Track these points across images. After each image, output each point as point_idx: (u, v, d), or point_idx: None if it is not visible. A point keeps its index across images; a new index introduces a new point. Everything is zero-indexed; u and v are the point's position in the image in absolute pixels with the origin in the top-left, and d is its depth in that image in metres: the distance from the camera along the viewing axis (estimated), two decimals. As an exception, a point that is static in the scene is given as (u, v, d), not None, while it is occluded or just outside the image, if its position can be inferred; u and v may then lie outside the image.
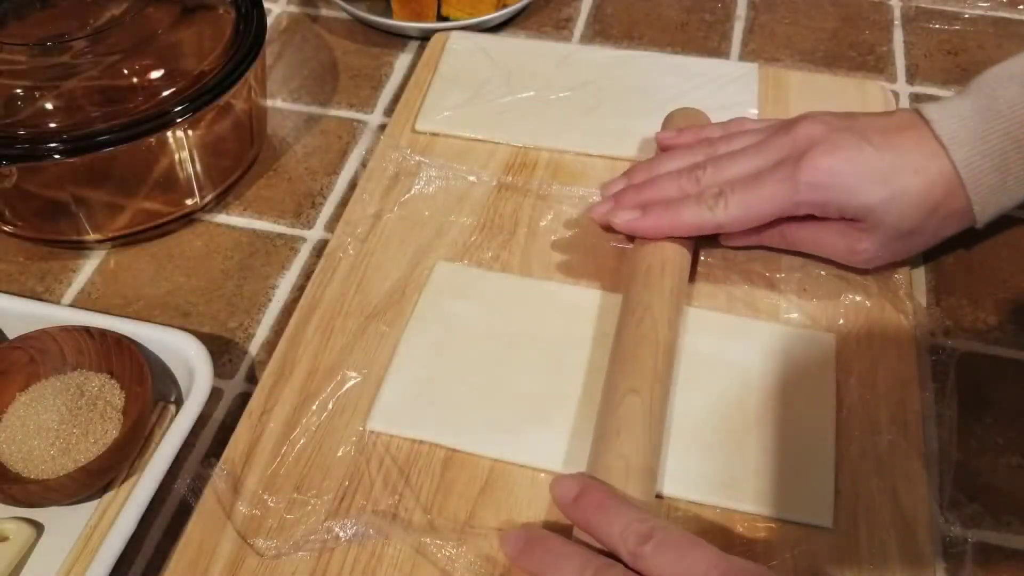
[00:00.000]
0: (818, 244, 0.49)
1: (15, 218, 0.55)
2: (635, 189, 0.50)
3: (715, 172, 0.48)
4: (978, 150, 0.45)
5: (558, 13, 0.72)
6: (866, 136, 0.45)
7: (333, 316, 0.49)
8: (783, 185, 0.45)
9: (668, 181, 0.49)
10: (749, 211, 0.46)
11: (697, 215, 0.47)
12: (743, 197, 0.46)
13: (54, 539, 0.42)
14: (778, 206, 0.46)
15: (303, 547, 0.40)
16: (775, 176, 0.46)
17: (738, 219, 0.47)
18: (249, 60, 0.53)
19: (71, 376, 0.46)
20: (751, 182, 0.46)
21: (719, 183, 0.47)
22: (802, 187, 0.45)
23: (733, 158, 0.48)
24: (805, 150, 0.45)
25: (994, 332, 0.50)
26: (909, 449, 0.43)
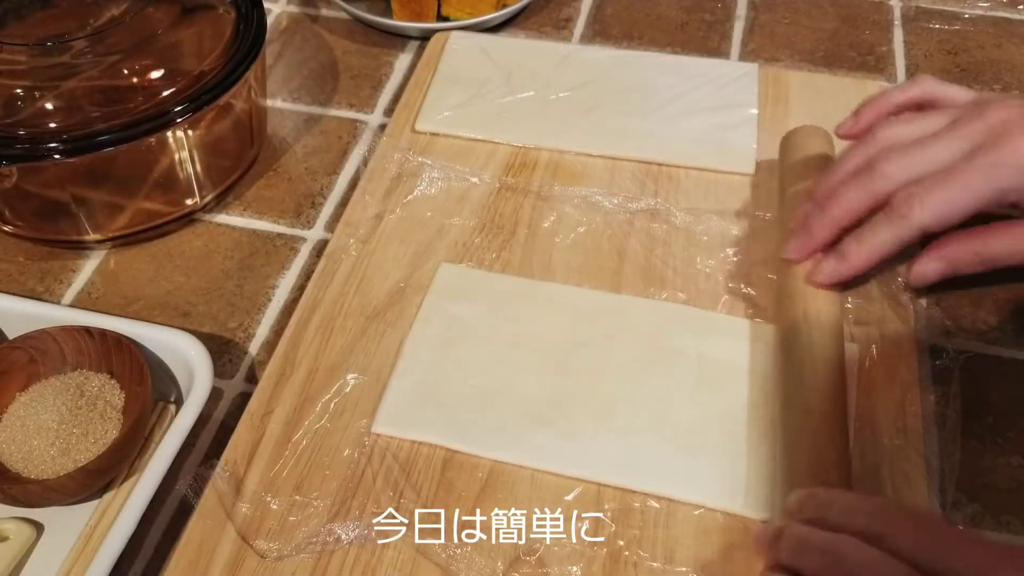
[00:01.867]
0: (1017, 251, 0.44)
1: (15, 218, 0.55)
2: (820, 209, 0.46)
3: (900, 162, 0.43)
4: None
5: (558, 13, 0.72)
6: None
7: (334, 316, 0.49)
8: (982, 174, 0.41)
9: (850, 188, 0.44)
10: (949, 206, 0.42)
11: (893, 232, 0.43)
12: (939, 194, 0.42)
13: (54, 539, 0.42)
14: (982, 197, 0.42)
15: (304, 549, 0.40)
16: (972, 166, 0.41)
17: (935, 219, 0.42)
18: (249, 60, 0.53)
19: (71, 376, 0.46)
20: (945, 176, 0.42)
21: (905, 182, 0.43)
22: (1005, 171, 0.41)
23: (921, 147, 0.43)
24: (1003, 133, 0.41)
25: (994, 332, 0.50)
26: (910, 450, 0.43)
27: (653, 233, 0.53)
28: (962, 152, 0.43)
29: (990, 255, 0.44)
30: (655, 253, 0.52)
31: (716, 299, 0.49)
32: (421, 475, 0.43)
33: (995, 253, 0.44)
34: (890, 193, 0.43)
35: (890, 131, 0.46)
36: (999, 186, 0.42)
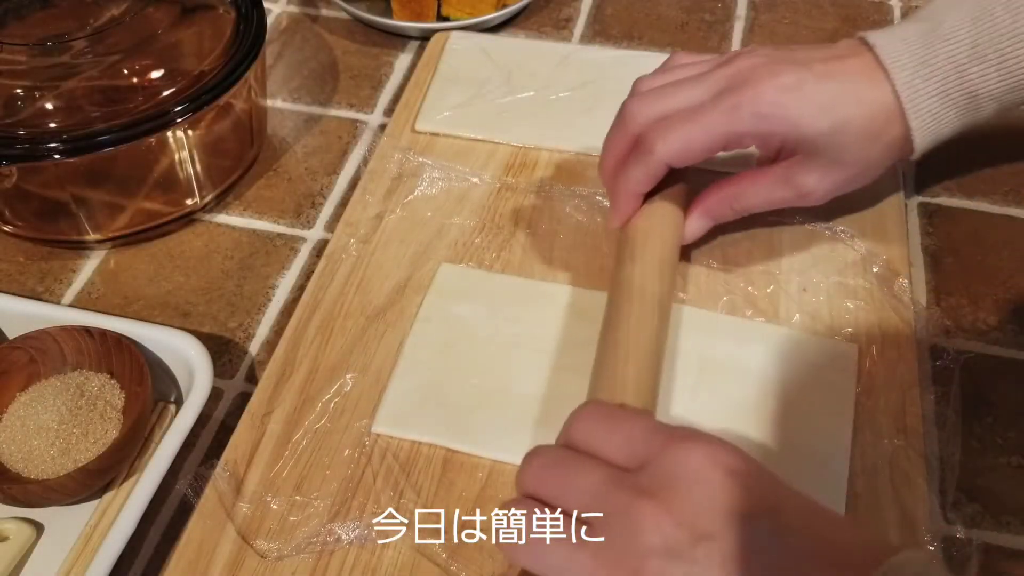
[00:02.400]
0: (766, 196, 0.47)
1: (15, 218, 0.55)
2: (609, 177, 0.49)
3: (652, 105, 0.46)
4: (920, 74, 0.44)
5: (558, 13, 0.72)
6: (808, 66, 0.44)
7: (334, 316, 0.49)
8: (725, 115, 0.44)
9: (611, 134, 0.48)
10: (687, 144, 0.44)
11: (642, 169, 0.45)
12: (678, 131, 0.44)
13: (54, 539, 0.42)
14: (720, 137, 0.44)
15: (304, 549, 0.40)
16: (717, 107, 0.44)
17: (679, 153, 0.45)
18: (249, 60, 0.53)
19: (71, 376, 0.46)
20: (690, 114, 0.45)
21: (654, 119, 0.45)
22: (746, 116, 0.44)
23: (673, 89, 0.46)
24: (747, 79, 0.44)
25: (994, 332, 0.50)
26: (910, 450, 0.43)
27: (653, 233, 0.53)
28: (709, 95, 0.45)
29: (743, 205, 0.48)
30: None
31: (716, 299, 0.49)
32: (421, 475, 0.43)
33: (748, 202, 0.48)
34: (641, 132, 0.46)
35: (648, 79, 0.49)
36: (736, 128, 0.44)
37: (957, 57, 0.44)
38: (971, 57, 0.44)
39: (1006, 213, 0.56)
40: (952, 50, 0.44)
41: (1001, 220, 0.55)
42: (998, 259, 0.53)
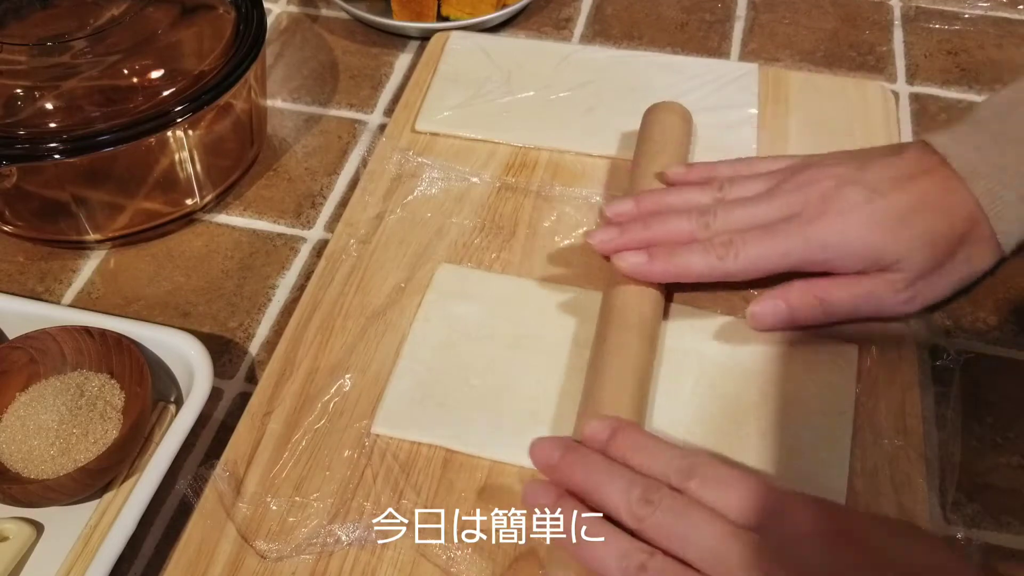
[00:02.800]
0: (857, 304, 0.46)
1: (15, 218, 0.55)
2: (642, 223, 0.48)
3: (725, 218, 0.46)
4: (999, 181, 0.44)
5: (558, 13, 0.72)
6: (878, 189, 0.45)
7: (334, 316, 0.49)
8: (793, 241, 0.45)
9: (677, 220, 0.47)
10: (758, 262, 0.45)
11: (705, 263, 0.45)
12: (753, 248, 0.45)
13: (54, 539, 0.42)
14: (789, 259, 0.45)
15: (304, 549, 0.40)
16: (786, 232, 0.45)
17: (746, 269, 0.45)
18: (249, 60, 0.53)
19: (71, 376, 0.46)
20: (761, 233, 0.45)
21: (729, 231, 0.46)
22: (814, 246, 0.44)
23: (744, 205, 0.47)
24: (818, 207, 0.45)
25: (994, 332, 0.50)
26: (910, 451, 0.43)
27: (653, 233, 0.53)
28: (780, 216, 0.46)
29: (831, 303, 0.46)
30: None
31: (716, 299, 0.49)
32: (421, 475, 0.43)
33: (835, 299, 0.46)
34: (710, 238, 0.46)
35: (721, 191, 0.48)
36: (805, 255, 0.45)
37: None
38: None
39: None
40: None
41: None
42: (998, 259, 0.53)
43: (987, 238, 0.45)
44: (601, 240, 0.48)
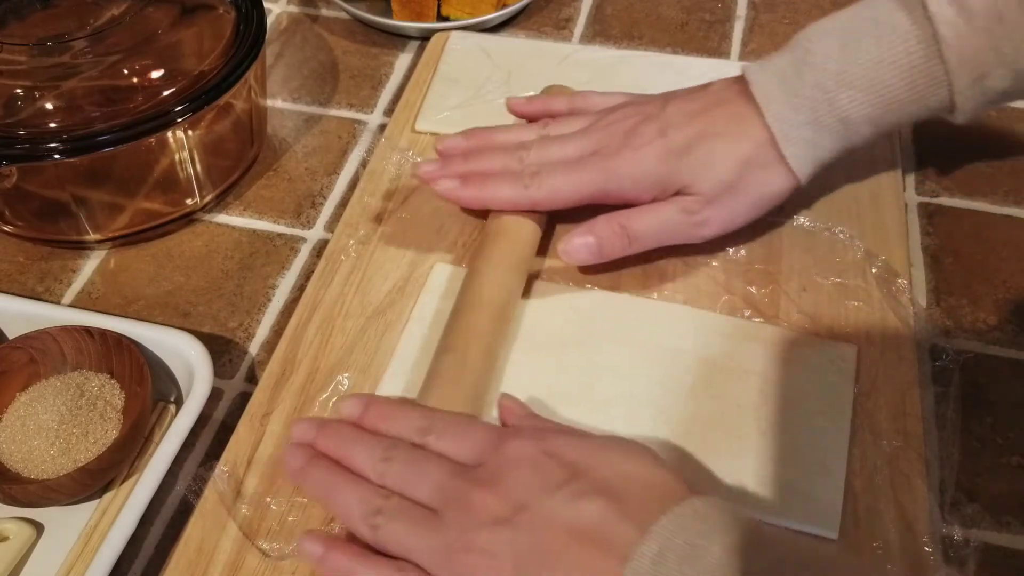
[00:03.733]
0: (658, 230, 0.49)
1: (15, 218, 0.55)
2: (463, 157, 0.51)
3: (539, 154, 0.49)
4: (790, 104, 0.46)
5: (558, 13, 0.72)
6: (674, 123, 0.47)
7: (333, 316, 0.49)
8: (592, 175, 0.48)
9: (495, 155, 0.50)
10: (559, 193, 0.48)
11: (512, 192, 0.49)
12: (557, 180, 0.48)
13: (54, 539, 0.42)
14: (586, 190, 0.48)
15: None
16: (585, 166, 0.48)
17: (548, 199, 0.48)
18: (249, 60, 0.53)
19: (71, 376, 0.46)
20: (566, 166, 0.48)
21: (539, 164, 0.49)
22: (611, 177, 0.47)
23: (559, 142, 0.50)
24: (617, 145, 0.48)
25: (994, 332, 0.50)
26: (910, 451, 0.43)
27: (653, 233, 0.53)
28: (585, 152, 0.49)
29: (635, 231, 0.48)
30: (654, 253, 0.52)
31: (716, 299, 0.49)
32: (421, 475, 0.43)
33: (640, 229, 0.48)
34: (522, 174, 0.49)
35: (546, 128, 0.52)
36: (602, 188, 0.48)
37: (826, 84, 0.45)
38: (839, 84, 0.45)
39: (1006, 213, 0.56)
40: (820, 78, 0.45)
41: (1001, 220, 0.55)
42: (998, 259, 0.53)
43: (777, 161, 0.47)
44: (425, 171, 0.51)
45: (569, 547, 0.33)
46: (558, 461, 0.35)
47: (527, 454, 0.36)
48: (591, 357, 0.47)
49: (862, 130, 0.46)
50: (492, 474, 0.36)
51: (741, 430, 0.44)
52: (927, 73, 0.44)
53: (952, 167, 0.58)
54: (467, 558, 0.34)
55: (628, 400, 0.45)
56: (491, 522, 0.34)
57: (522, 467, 0.35)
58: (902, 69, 0.44)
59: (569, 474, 0.35)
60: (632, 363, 0.46)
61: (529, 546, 0.33)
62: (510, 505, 0.34)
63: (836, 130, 0.46)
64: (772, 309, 0.49)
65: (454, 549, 0.34)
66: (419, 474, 0.37)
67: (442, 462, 0.37)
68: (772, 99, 0.46)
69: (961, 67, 0.43)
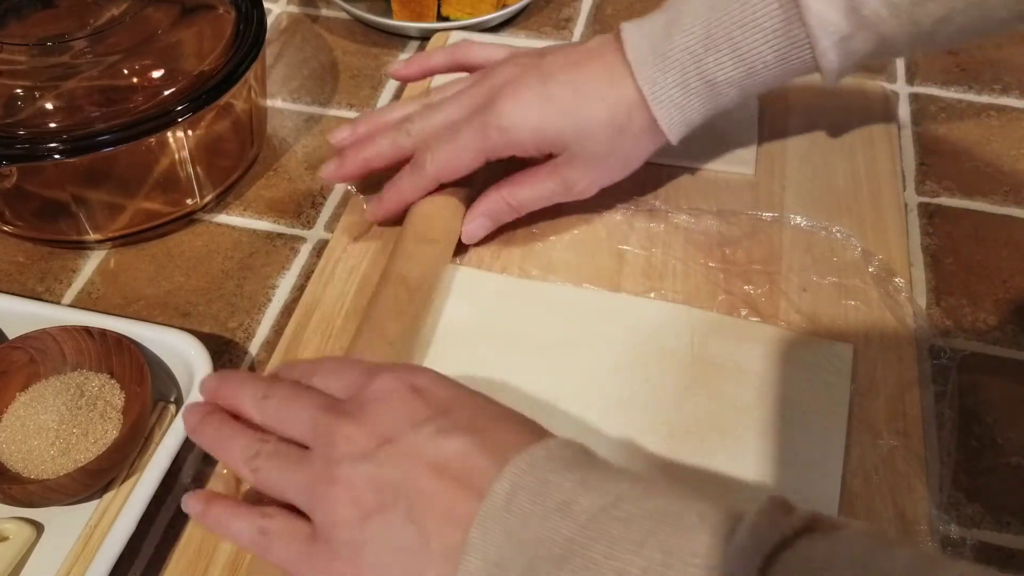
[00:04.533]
0: (538, 191, 0.50)
1: (15, 218, 0.55)
2: (355, 148, 0.51)
3: (422, 124, 0.50)
4: (659, 67, 0.46)
5: (558, 13, 0.72)
6: (551, 73, 0.48)
7: (333, 317, 0.49)
8: (476, 133, 0.47)
9: (383, 136, 0.50)
10: (451, 162, 0.48)
11: (413, 182, 0.49)
12: (444, 149, 0.48)
13: (54, 539, 0.42)
14: (476, 154, 0.48)
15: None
16: (469, 125, 0.48)
17: (443, 170, 0.49)
18: (249, 60, 0.53)
19: (71, 376, 0.46)
20: (451, 132, 0.48)
21: (425, 136, 0.49)
22: (492, 132, 0.47)
23: (439, 107, 0.50)
24: (495, 96, 0.48)
25: (994, 332, 0.50)
26: (909, 450, 0.43)
27: (652, 233, 0.53)
28: (465, 112, 0.49)
29: (518, 201, 0.50)
30: (654, 253, 0.52)
31: (715, 299, 0.49)
32: (421, 475, 0.43)
33: (522, 197, 0.50)
34: (414, 147, 0.50)
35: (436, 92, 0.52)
36: (488, 144, 0.48)
37: (693, 47, 0.46)
38: (706, 47, 0.45)
39: (1006, 213, 0.56)
40: (688, 40, 0.46)
41: (1001, 220, 0.55)
42: (998, 259, 0.53)
43: (650, 123, 0.48)
44: (327, 174, 0.52)
45: (430, 480, 0.33)
46: (425, 398, 0.35)
47: (395, 387, 0.36)
48: (590, 357, 0.47)
49: (727, 93, 0.47)
50: (359, 407, 0.35)
51: (738, 430, 0.44)
52: (788, 35, 0.44)
53: (952, 167, 0.59)
54: (329, 490, 0.33)
55: (626, 399, 0.45)
56: (355, 455, 0.34)
57: (390, 401, 0.35)
58: (765, 32, 0.45)
59: (435, 411, 0.35)
60: (630, 363, 0.46)
61: (391, 478, 0.33)
62: (375, 439, 0.34)
63: (703, 93, 0.47)
64: (770, 309, 0.49)
65: (318, 481, 0.34)
66: (293, 409, 0.36)
67: (314, 396, 0.37)
68: (643, 61, 0.46)
69: (821, 29, 0.44)
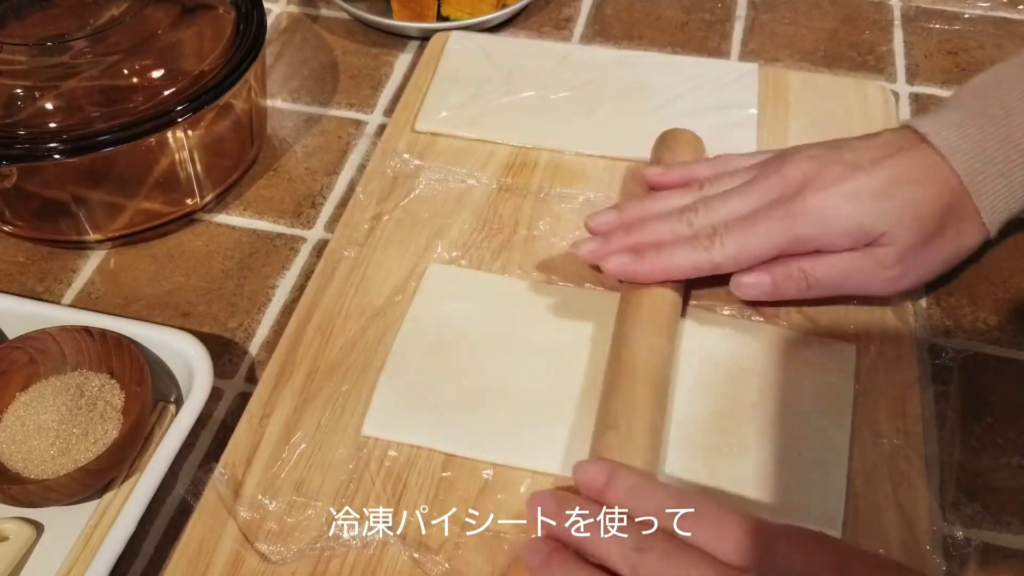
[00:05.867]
0: (843, 278, 0.46)
1: (15, 218, 0.55)
2: (625, 230, 0.48)
3: (707, 214, 0.46)
4: (979, 157, 0.44)
5: (558, 13, 0.72)
6: (859, 165, 0.45)
7: (333, 317, 0.49)
8: (779, 224, 0.45)
9: (659, 223, 0.47)
10: (746, 248, 0.45)
11: (692, 257, 0.46)
12: (739, 236, 0.45)
13: (54, 539, 0.42)
14: (775, 242, 0.45)
15: (304, 550, 0.40)
16: (770, 214, 0.45)
17: (734, 257, 0.45)
18: (249, 60, 0.53)
19: (71, 376, 0.46)
20: (746, 221, 0.45)
21: (712, 224, 0.46)
22: (800, 223, 0.44)
23: (724, 199, 0.47)
24: (798, 189, 0.45)
25: (994, 332, 0.50)
26: (910, 450, 0.43)
27: (653, 233, 0.53)
28: (762, 203, 0.46)
29: (816, 275, 0.46)
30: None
31: (716, 299, 0.49)
32: (420, 475, 0.43)
33: (820, 273, 0.46)
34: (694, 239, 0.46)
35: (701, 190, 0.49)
36: (794, 234, 0.45)
37: (1013, 135, 0.44)
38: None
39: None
40: (1006, 130, 0.44)
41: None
42: (998, 259, 0.53)
43: (972, 214, 0.45)
44: (587, 251, 0.48)
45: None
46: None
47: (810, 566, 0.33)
48: (586, 356, 0.47)
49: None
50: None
51: (742, 430, 0.44)
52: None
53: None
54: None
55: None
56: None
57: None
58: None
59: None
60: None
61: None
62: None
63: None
64: (772, 309, 0.49)
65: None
66: (681, 572, 0.33)
67: (706, 561, 0.34)
68: (959, 150, 0.44)
69: None
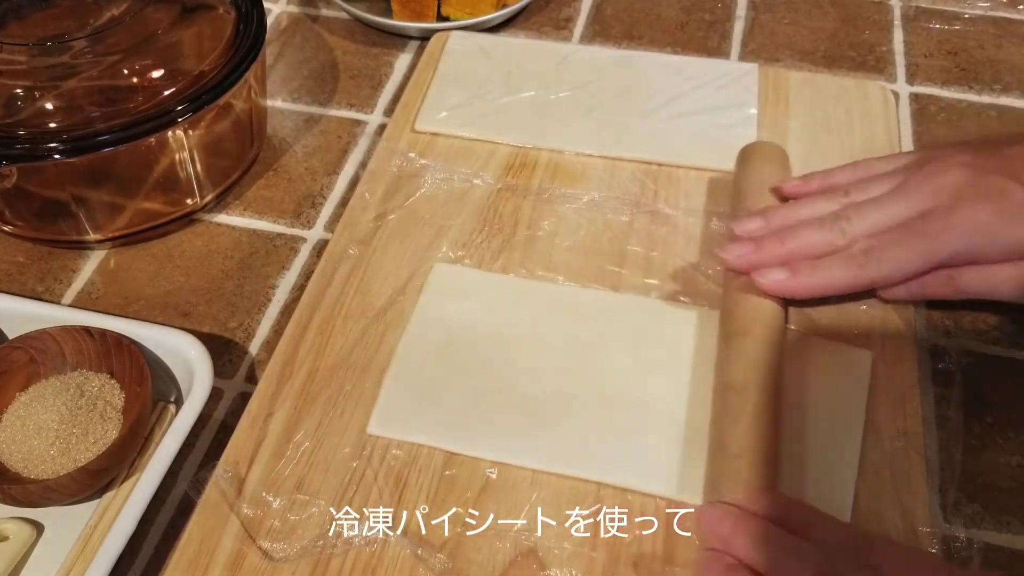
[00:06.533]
0: (991, 284, 0.45)
1: (15, 218, 0.55)
2: (776, 238, 0.47)
3: (860, 222, 0.46)
4: None
5: (558, 13, 0.72)
6: (1015, 175, 0.44)
7: (333, 317, 0.49)
8: (935, 240, 0.44)
9: (811, 232, 0.46)
10: (902, 266, 0.45)
11: (849, 274, 0.45)
12: (895, 251, 0.45)
13: (54, 539, 0.42)
14: (932, 258, 0.44)
15: (305, 548, 0.40)
16: (925, 230, 0.44)
17: (891, 274, 0.45)
18: (249, 60, 0.53)
19: (71, 376, 0.46)
20: (900, 235, 0.45)
21: (865, 235, 0.45)
22: (955, 237, 0.44)
23: (877, 205, 0.46)
24: (952, 203, 0.44)
25: (994, 332, 0.50)
26: (910, 451, 0.43)
27: (653, 233, 0.53)
28: (915, 212, 0.45)
29: (964, 282, 0.45)
30: (655, 253, 0.52)
31: (716, 299, 0.49)
32: (421, 474, 0.43)
33: (967, 280, 0.45)
34: (848, 247, 0.46)
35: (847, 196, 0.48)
36: (952, 249, 0.44)
37: None
38: None
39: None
40: None
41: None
42: (998, 259, 0.53)
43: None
44: (737, 255, 0.47)
45: None
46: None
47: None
48: (592, 358, 0.47)
49: None
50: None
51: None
52: None
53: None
54: None
55: (629, 401, 0.45)
56: None
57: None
58: None
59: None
60: (633, 364, 0.46)
61: None
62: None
63: None
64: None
65: None
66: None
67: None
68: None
69: None
